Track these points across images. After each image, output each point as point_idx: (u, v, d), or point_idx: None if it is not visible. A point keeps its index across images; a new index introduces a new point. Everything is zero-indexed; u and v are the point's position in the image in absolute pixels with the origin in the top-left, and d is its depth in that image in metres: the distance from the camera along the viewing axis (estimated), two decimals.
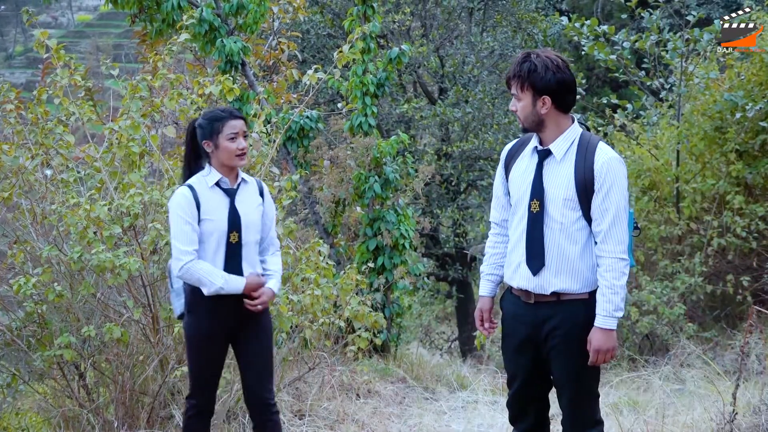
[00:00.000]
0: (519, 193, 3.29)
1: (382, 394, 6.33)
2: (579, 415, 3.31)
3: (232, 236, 3.70)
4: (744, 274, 7.86)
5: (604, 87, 17.79)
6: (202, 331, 3.76)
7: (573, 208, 3.18)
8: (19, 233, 5.20)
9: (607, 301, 3.14)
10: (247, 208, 3.77)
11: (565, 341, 3.21)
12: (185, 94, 5.39)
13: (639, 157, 9.02)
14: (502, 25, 15.33)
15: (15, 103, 5.32)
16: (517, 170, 3.33)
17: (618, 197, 3.15)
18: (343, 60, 6.50)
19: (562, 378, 3.29)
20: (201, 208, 3.68)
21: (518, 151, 3.38)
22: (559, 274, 3.21)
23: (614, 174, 3.15)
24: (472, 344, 13.67)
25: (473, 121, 13.89)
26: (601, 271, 3.17)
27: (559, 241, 3.20)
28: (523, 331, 3.32)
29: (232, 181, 3.77)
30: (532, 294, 3.26)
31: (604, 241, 3.16)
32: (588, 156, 3.17)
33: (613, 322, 3.15)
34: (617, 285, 3.14)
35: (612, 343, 3.16)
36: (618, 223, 3.15)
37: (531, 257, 3.24)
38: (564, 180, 3.19)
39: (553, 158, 3.24)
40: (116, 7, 7.98)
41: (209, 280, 3.64)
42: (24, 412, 5.37)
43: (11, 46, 61.55)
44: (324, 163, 8.43)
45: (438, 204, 14.49)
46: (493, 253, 3.50)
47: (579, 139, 3.23)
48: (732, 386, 4.57)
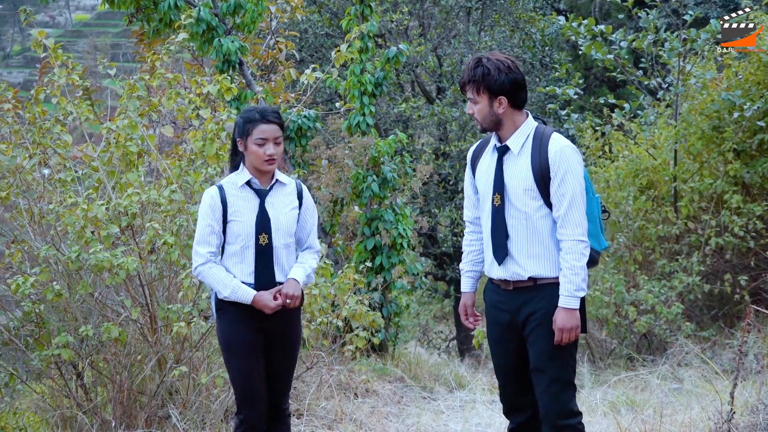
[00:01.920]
0: (483, 189, 3.46)
1: (380, 393, 6.34)
2: (557, 404, 3.34)
3: (261, 238, 3.61)
4: (742, 274, 7.86)
5: (601, 86, 17.80)
6: (231, 335, 3.65)
7: (534, 197, 3.34)
8: (17, 233, 5.20)
9: (568, 282, 3.29)
10: (278, 211, 3.67)
11: (542, 324, 3.34)
12: (183, 94, 5.38)
13: (637, 157, 9.02)
14: (500, 25, 15.35)
15: (12, 102, 5.32)
16: (481, 168, 3.50)
17: (573, 183, 3.31)
18: (340, 59, 6.50)
19: (540, 362, 3.36)
20: (228, 210, 3.62)
21: (481, 150, 3.55)
22: (533, 260, 3.35)
23: (567, 161, 3.31)
24: (470, 344, 13.68)
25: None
26: (562, 254, 3.32)
27: (524, 230, 3.36)
28: (504, 318, 3.44)
29: (265, 182, 3.68)
30: (511, 282, 3.40)
31: (563, 225, 3.32)
32: (542, 147, 3.34)
33: (575, 302, 3.29)
34: (577, 266, 3.29)
35: (575, 322, 3.29)
36: (575, 207, 3.31)
37: (495, 248, 3.40)
38: (522, 172, 3.36)
39: (510, 153, 3.40)
40: (113, 7, 7.98)
41: (217, 287, 3.60)
42: (22, 412, 5.37)
43: (9, 46, 61.50)
44: (322, 163, 8.43)
45: (436, 203, 14.51)
46: (471, 251, 3.65)
47: (534, 132, 3.40)
48: (730, 385, 4.58)
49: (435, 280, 15.63)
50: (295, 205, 3.74)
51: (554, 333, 3.31)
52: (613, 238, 8.34)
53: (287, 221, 3.69)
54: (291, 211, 3.72)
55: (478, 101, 3.37)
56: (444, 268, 14.94)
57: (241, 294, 3.57)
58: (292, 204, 3.73)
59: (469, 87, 3.37)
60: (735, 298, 7.79)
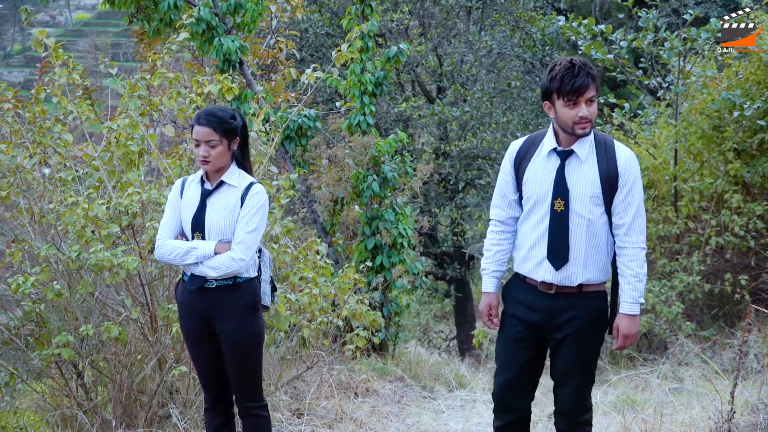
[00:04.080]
0: (539, 193, 3.37)
1: (381, 393, 6.33)
2: (581, 403, 3.45)
3: (195, 236, 3.71)
4: (742, 273, 7.85)
5: (602, 86, 17.80)
6: (181, 323, 3.85)
7: (598, 204, 3.32)
8: (17, 232, 5.19)
9: (633, 289, 3.32)
10: (215, 212, 3.70)
11: (581, 330, 3.36)
12: (184, 93, 5.38)
13: (637, 156, 9.02)
14: (500, 24, 15.34)
15: (13, 102, 5.32)
16: (534, 171, 3.40)
17: (639, 191, 3.33)
18: (341, 59, 6.49)
19: (571, 367, 3.40)
20: (181, 202, 3.79)
21: (529, 151, 3.45)
22: (587, 267, 3.35)
23: (635, 170, 3.33)
24: (470, 343, 13.69)
25: (471, 120, 13.90)
26: (625, 261, 3.33)
27: (585, 236, 3.33)
28: (534, 318, 3.41)
29: (212, 182, 3.76)
30: (555, 285, 3.37)
31: (627, 233, 3.32)
32: (609, 154, 3.32)
33: (638, 308, 3.34)
34: (641, 273, 3.32)
35: (637, 328, 3.35)
36: (640, 215, 3.33)
37: (554, 254, 3.35)
38: (589, 178, 3.31)
39: (576, 158, 3.34)
40: (113, 7, 7.98)
41: (176, 253, 3.68)
42: (22, 411, 5.36)
43: (9, 45, 61.50)
44: (322, 162, 8.43)
45: (436, 203, 14.51)
46: (498, 250, 3.57)
47: (594, 137, 3.35)
48: (730, 385, 4.58)
49: (435, 279, 15.63)
50: (236, 207, 3.71)
51: (591, 338, 3.37)
52: None
53: (222, 224, 3.69)
54: (229, 214, 3.70)
55: (594, 100, 3.26)
56: (444, 267, 14.94)
57: (202, 249, 3.66)
58: (233, 206, 3.71)
59: (594, 85, 3.24)
60: (735, 298, 7.79)
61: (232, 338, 3.73)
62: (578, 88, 3.19)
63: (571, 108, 3.23)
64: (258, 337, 3.80)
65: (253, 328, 3.76)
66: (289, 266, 5.62)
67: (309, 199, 8.56)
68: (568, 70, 3.21)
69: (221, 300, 3.70)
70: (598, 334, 3.40)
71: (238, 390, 3.84)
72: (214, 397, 3.89)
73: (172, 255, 3.68)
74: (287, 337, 5.86)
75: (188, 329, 3.80)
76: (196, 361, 3.85)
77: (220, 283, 3.69)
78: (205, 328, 3.76)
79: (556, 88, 3.23)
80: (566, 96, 3.21)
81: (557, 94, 3.24)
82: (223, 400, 3.91)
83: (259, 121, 5.78)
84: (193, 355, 3.86)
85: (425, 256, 14.46)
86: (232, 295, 3.71)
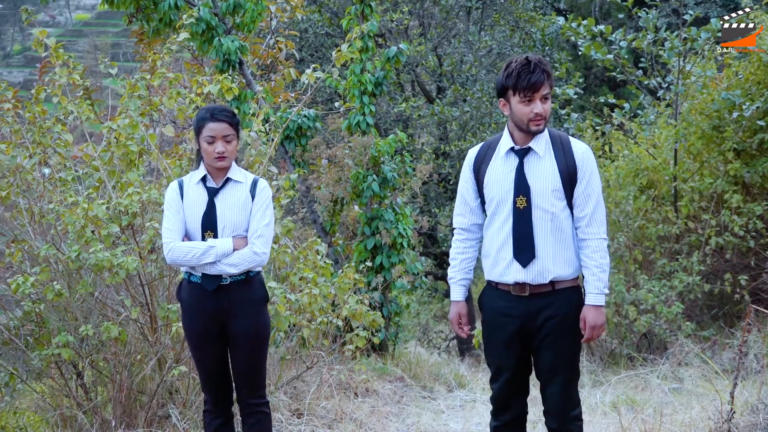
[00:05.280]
0: (501, 192, 3.40)
1: (380, 393, 6.33)
2: (569, 399, 3.46)
3: (206, 235, 3.70)
4: (742, 273, 7.86)
5: (601, 86, 17.82)
6: (186, 325, 3.82)
7: (560, 198, 3.36)
8: (17, 232, 5.19)
9: (597, 280, 3.35)
10: (227, 208, 3.72)
11: (560, 328, 3.37)
12: (184, 93, 5.38)
13: (637, 156, 9.03)
14: (500, 24, 15.35)
15: (12, 102, 5.32)
16: (493, 172, 3.44)
17: (597, 183, 3.40)
18: (341, 59, 6.49)
19: (555, 365, 3.41)
20: (183, 205, 3.75)
21: (487, 154, 3.49)
22: (556, 262, 3.36)
23: (592, 163, 3.39)
24: (470, 343, 13.67)
25: (471, 120, 13.89)
26: (588, 252, 3.37)
27: (550, 230, 3.36)
28: (513, 325, 3.42)
29: (218, 180, 3.76)
30: (528, 286, 3.38)
31: (589, 225, 3.38)
32: (566, 149, 3.39)
33: (603, 299, 3.36)
34: (604, 264, 3.36)
35: (603, 318, 3.37)
36: (600, 207, 3.40)
37: (520, 251, 3.36)
38: (549, 173, 3.36)
39: (534, 154, 3.38)
40: (113, 7, 7.98)
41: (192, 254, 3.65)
42: (22, 411, 5.37)
43: (9, 45, 61.50)
44: (322, 162, 8.42)
45: (436, 203, 14.51)
46: (463, 259, 3.59)
47: (549, 134, 3.42)
48: (730, 385, 4.58)
49: (435, 279, 15.63)
50: (246, 202, 3.75)
51: (570, 334, 3.37)
52: (614, 238, 8.34)
53: (236, 219, 3.72)
54: (242, 208, 3.74)
55: (548, 98, 3.33)
56: (444, 267, 14.93)
57: (220, 247, 3.65)
58: (244, 200, 3.75)
59: (548, 82, 3.29)
60: (735, 298, 7.79)
61: (245, 333, 3.75)
62: (534, 84, 3.24)
63: (527, 104, 3.28)
64: (268, 329, 3.86)
65: (264, 320, 3.82)
66: (289, 266, 5.62)
67: (309, 199, 8.56)
68: (524, 67, 3.26)
69: (236, 296, 3.72)
70: (577, 330, 3.41)
71: (245, 387, 3.84)
72: (216, 398, 3.89)
73: (189, 256, 3.65)
74: (287, 337, 5.86)
75: (196, 330, 3.77)
76: (201, 362, 3.84)
77: (234, 278, 3.71)
78: (215, 328, 3.75)
79: (512, 84, 3.28)
80: (522, 92, 3.26)
81: (513, 91, 3.29)
82: (224, 401, 3.91)
83: (258, 121, 5.78)
84: (197, 357, 3.85)
85: (425, 256, 14.47)
86: (246, 290, 3.74)
